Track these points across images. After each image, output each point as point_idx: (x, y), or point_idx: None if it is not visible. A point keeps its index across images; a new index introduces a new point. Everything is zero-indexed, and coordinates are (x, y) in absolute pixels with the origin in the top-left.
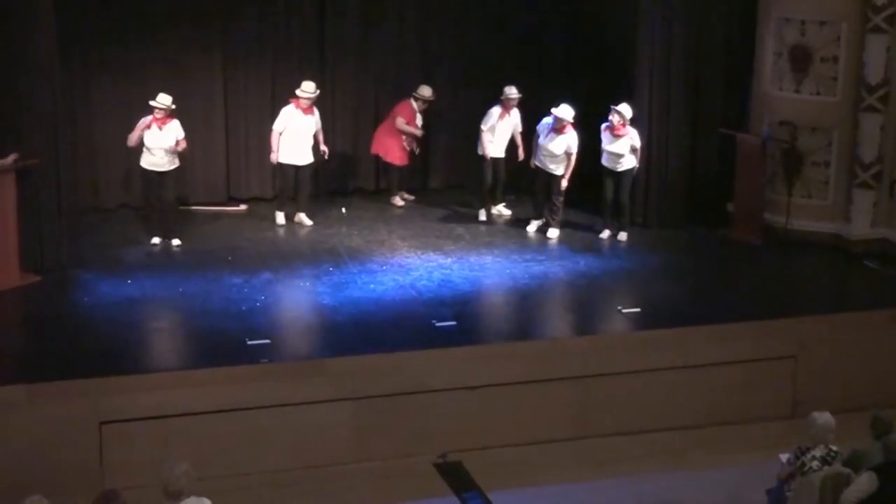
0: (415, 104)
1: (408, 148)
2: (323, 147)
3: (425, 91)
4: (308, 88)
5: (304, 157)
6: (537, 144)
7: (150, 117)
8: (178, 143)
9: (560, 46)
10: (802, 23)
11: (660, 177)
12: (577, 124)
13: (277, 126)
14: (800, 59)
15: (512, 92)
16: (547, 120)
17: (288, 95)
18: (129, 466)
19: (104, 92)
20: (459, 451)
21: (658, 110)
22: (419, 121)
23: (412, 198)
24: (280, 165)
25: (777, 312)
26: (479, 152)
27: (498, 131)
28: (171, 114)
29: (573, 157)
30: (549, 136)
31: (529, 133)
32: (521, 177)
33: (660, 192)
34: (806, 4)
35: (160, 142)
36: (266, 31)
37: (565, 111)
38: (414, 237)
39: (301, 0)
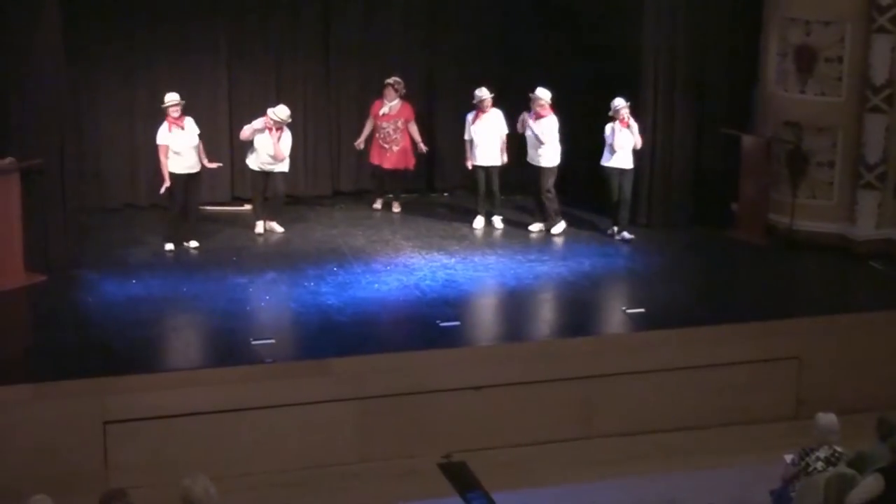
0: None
1: (385, 146)
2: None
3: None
4: (281, 114)
5: (274, 165)
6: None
7: (167, 120)
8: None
9: (564, 47)
10: (807, 23)
11: (664, 177)
12: (577, 122)
13: (245, 133)
14: (805, 60)
15: (481, 93)
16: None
17: (291, 96)
18: (133, 466)
19: (109, 91)
20: (463, 452)
21: (662, 111)
22: (385, 108)
23: (397, 210)
24: (250, 172)
25: (781, 313)
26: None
27: (477, 137)
28: (185, 111)
29: (548, 144)
30: (531, 122)
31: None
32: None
33: (664, 192)
34: (811, 5)
35: (187, 141)
36: (270, 30)
37: (542, 91)
38: (418, 237)
39: None
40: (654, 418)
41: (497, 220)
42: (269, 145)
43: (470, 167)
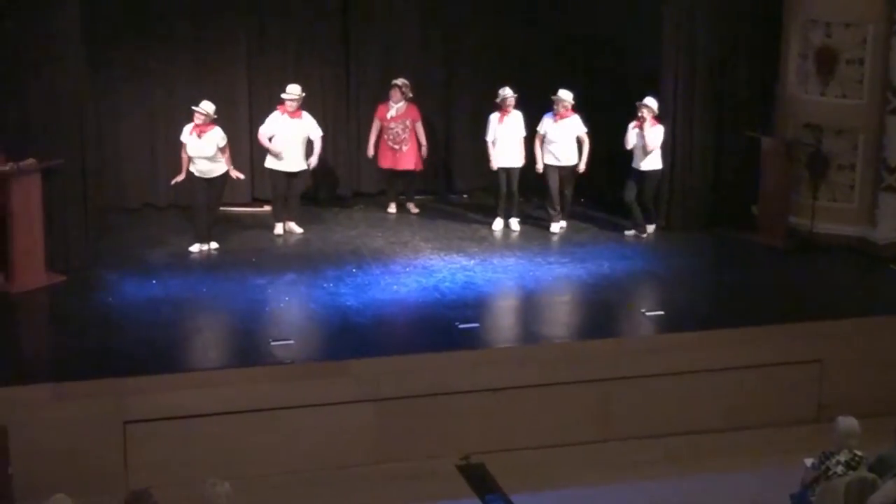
0: (391, 101)
1: (395, 146)
2: (314, 159)
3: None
4: (293, 91)
5: (293, 164)
6: (544, 141)
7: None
8: (221, 150)
9: (584, 48)
10: (828, 25)
11: (684, 179)
12: (598, 124)
13: (264, 130)
14: (825, 62)
15: (505, 92)
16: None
17: (310, 96)
18: (153, 466)
19: (129, 92)
20: (482, 453)
21: (682, 113)
22: (392, 111)
23: (415, 211)
24: (270, 172)
25: (802, 316)
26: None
27: (500, 139)
28: (212, 121)
29: (586, 143)
30: (553, 124)
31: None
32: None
33: (684, 194)
34: (832, 6)
35: (200, 150)
36: (291, 32)
37: (565, 93)
38: (437, 239)
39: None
40: (673, 421)
41: (514, 223)
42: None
43: (494, 168)
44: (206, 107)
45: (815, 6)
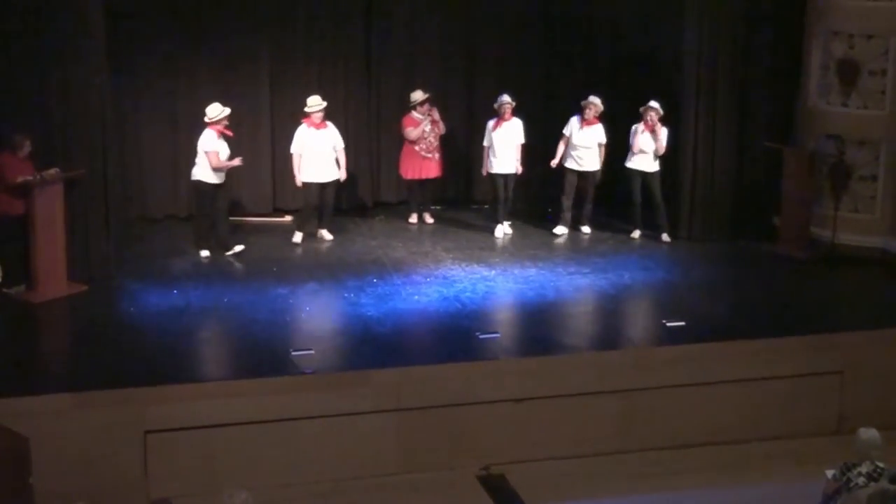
0: (416, 113)
1: (429, 155)
2: (342, 172)
3: (415, 95)
4: (313, 102)
5: (327, 174)
6: (568, 144)
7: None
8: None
9: (606, 59)
10: (850, 36)
11: (705, 190)
12: (621, 133)
13: (294, 148)
14: (847, 73)
15: (502, 99)
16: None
17: (332, 107)
18: (173, 476)
19: (151, 102)
20: (503, 464)
21: (704, 123)
22: (427, 125)
23: (431, 221)
24: (305, 184)
25: (823, 327)
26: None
27: (497, 144)
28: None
29: (603, 149)
30: (580, 130)
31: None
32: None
33: (705, 205)
34: (854, 18)
35: (225, 152)
36: (313, 42)
37: (596, 100)
38: (458, 249)
39: (348, 12)
40: (694, 432)
41: (506, 226)
42: (330, 138)
43: (485, 174)
44: (220, 108)
45: (838, 18)
